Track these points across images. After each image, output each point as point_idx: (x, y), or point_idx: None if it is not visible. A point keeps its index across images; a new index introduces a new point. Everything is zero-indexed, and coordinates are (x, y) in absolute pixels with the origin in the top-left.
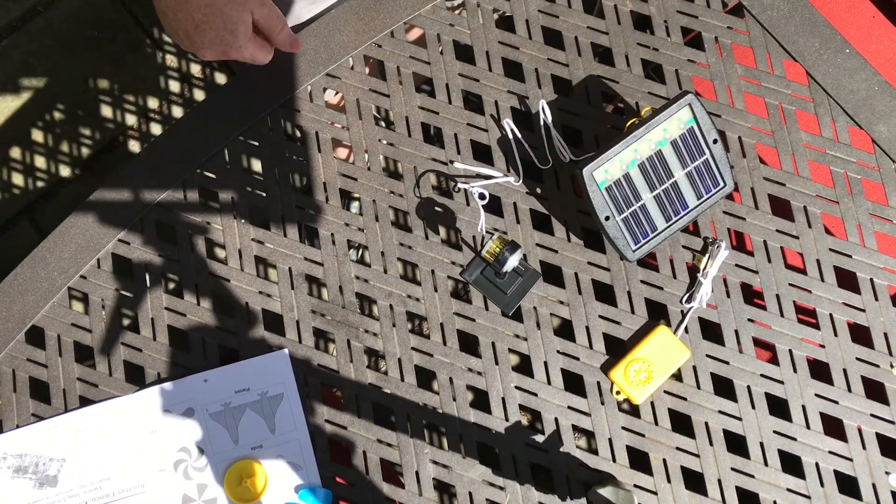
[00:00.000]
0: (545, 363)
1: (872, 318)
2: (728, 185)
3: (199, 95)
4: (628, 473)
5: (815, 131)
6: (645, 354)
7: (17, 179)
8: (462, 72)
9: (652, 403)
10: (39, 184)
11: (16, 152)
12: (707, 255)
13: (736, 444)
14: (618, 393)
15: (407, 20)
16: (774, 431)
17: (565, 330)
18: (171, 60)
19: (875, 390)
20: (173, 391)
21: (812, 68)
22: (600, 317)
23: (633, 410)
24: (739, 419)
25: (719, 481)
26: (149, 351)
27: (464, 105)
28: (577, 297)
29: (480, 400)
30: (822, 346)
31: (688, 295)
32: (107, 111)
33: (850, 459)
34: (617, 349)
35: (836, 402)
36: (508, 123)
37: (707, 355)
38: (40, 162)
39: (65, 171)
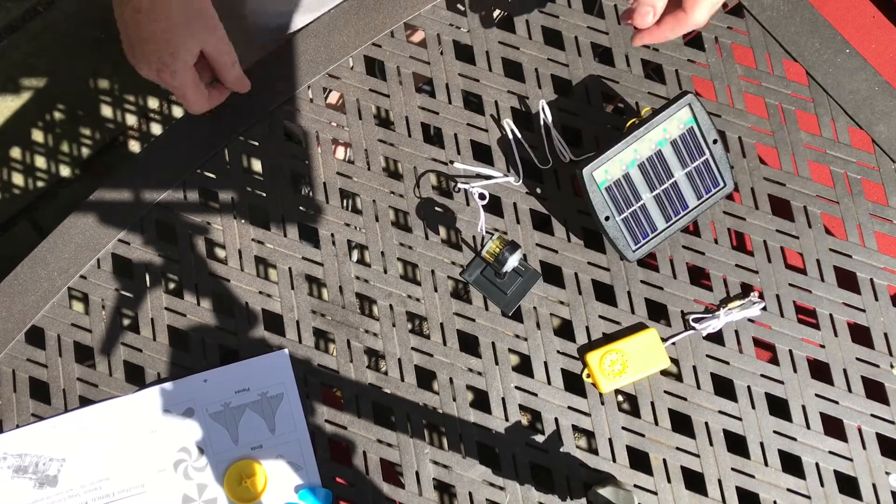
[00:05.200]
0: (545, 363)
1: (872, 318)
2: (728, 185)
3: None
4: (628, 473)
5: (815, 131)
6: (626, 349)
7: (17, 179)
8: (462, 72)
9: (652, 403)
10: (39, 184)
11: (16, 152)
12: (741, 302)
13: (736, 444)
14: (587, 375)
15: (407, 20)
16: (774, 431)
17: (565, 330)
18: None
19: (875, 390)
20: (173, 391)
21: (812, 68)
22: (600, 317)
23: (633, 410)
24: (739, 419)
25: (719, 481)
26: (149, 351)
27: (464, 105)
28: (577, 297)
29: (480, 400)
30: (822, 346)
31: (697, 316)
32: (107, 111)
33: (850, 459)
34: None
35: (836, 402)
36: (508, 123)
37: (707, 355)
38: (40, 162)
39: (65, 171)
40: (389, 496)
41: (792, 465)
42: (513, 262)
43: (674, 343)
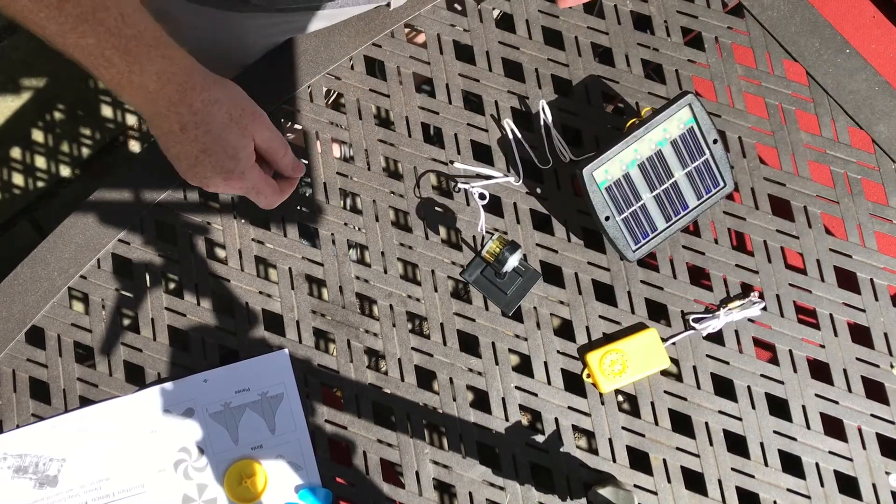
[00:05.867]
0: (545, 363)
1: (872, 318)
2: (728, 185)
3: None
4: (628, 473)
5: (815, 131)
6: (626, 349)
7: (17, 179)
8: (462, 72)
9: (652, 403)
10: (39, 184)
11: (16, 152)
12: (741, 302)
13: (736, 444)
14: (587, 375)
15: (407, 20)
16: (774, 431)
17: (565, 330)
18: None
19: (875, 390)
20: (173, 391)
21: (812, 68)
22: (600, 317)
23: (633, 410)
24: (739, 419)
25: (719, 481)
26: (149, 351)
27: (464, 105)
28: (577, 297)
29: (480, 400)
30: (822, 346)
31: (697, 316)
32: (107, 111)
33: (850, 459)
34: None
35: (836, 402)
36: (508, 123)
37: (707, 355)
38: (40, 162)
39: (65, 171)
40: (389, 496)
41: (792, 465)
42: (513, 262)
43: (674, 343)
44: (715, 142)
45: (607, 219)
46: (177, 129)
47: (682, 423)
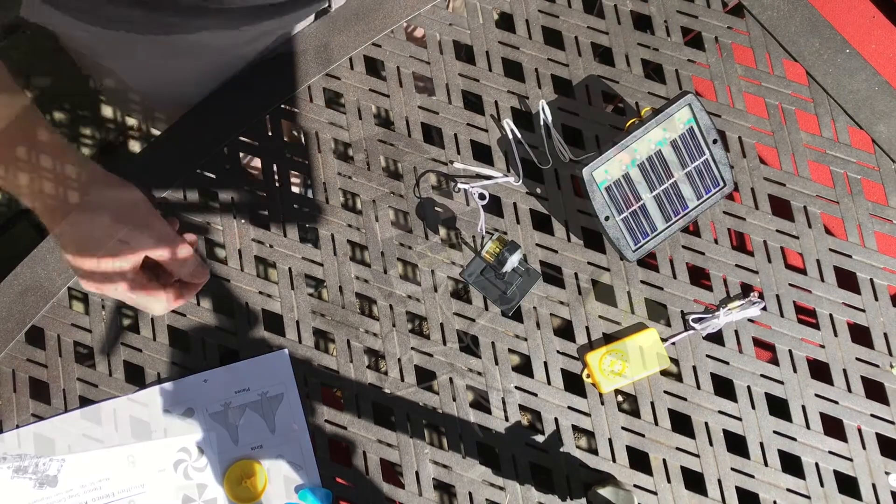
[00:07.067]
0: (545, 363)
1: (872, 318)
2: (728, 185)
3: None
4: (628, 473)
5: (815, 131)
6: (626, 349)
7: None
8: (462, 72)
9: (652, 403)
10: None
11: None
12: (741, 302)
13: (736, 444)
14: (587, 375)
15: (407, 20)
16: (774, 431)
17: (565, 330)
18: None
19: (875, 390)
20: (173, 391)
21: (812, 68)
22: (600, 317)
23: (633, 410)
24: (739, 419)
25: (719, 481)
26: (149, 351)
27: (464, 105)
28: (577, 297)
29: (480, 400)
30: (822, 346)
31: (697, 316)
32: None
33: (850, 459)
34: None
35: (836, 402)
36: (508, 123)
37: (707, 355)
38: None
39: None
40: (389, 496)
41: (792, 465)
42: (513, 262)
43: (674, 343)
44: (715, 142)
45: (607, 219)
46: (57, 233)
47: (682, 423)
